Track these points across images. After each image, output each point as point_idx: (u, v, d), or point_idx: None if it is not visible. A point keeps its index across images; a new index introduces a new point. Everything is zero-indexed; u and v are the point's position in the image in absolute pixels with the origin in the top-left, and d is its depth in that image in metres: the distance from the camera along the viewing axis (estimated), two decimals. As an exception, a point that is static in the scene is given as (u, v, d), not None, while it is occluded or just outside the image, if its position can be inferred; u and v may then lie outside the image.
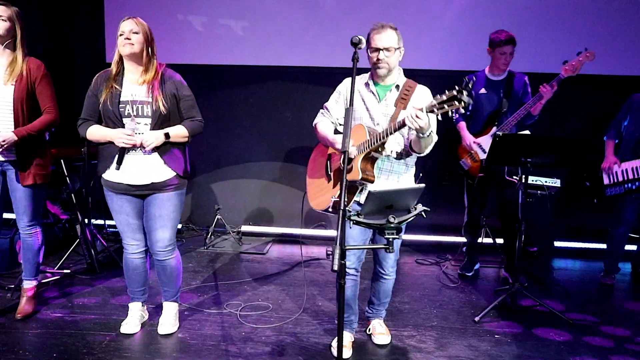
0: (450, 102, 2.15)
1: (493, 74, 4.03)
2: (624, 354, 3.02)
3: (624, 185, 4.04)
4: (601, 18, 4.91)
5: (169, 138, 2.88)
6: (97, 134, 2.89)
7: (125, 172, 2.87)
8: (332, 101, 2.90)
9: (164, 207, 2.97)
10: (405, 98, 2.66)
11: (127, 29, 2.80)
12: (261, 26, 5.18)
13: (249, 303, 3.62)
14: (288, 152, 5.48)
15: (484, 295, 3.90)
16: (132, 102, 2.84)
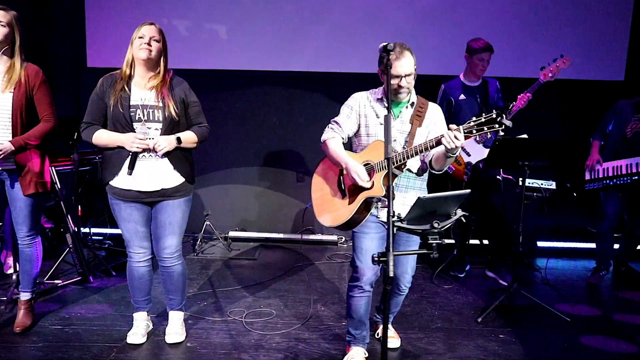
0: (489, 124, 2.19)
1: (469, 79, 4.16)
2: (623, 348, 3.16)
3: (602, 181, 4.23)
4: (575, 25, 5.12)
5: (181, 143, 2.84)
6: (105, 138, 2.80)
7: (136, 178, 2.80)
8: (343, 116, 2.79)
9: (173, 215, 2.92)
10: (420, 115, 2.67)
11: (148, 34, 2.77)
12: (246, 31, 5.16)
13: (251, 310, 3.59)
14: (274, 157, 5.46)
15: (479, 295, 3.99)
16: (142, 106, 2.78)
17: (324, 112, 5.31)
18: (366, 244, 2.69)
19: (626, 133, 4.22)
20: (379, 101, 2.74)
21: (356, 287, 2.76)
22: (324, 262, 4.78)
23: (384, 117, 2.04)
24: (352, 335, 2.88)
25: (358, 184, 2.58)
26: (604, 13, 5.13)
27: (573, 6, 5.12)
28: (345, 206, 2.69)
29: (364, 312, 2.81)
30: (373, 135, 2.72)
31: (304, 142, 5.39)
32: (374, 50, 5.27)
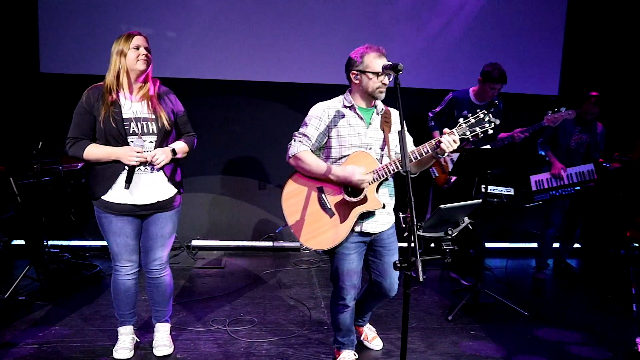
0: (480, 124, 2.35)
1: (478, 99, 4.33)
2: (562, 331, 3.52)
3: (549, 192, 4.63)
4: (511, 42, 5.53)
5: (176, 155, 2.85)
6: (99, 153, 2.75)
7: (132, 192, 2.78)
8: (311, 128, 2.70)
9: (166, 227, 2.93)
10: (388, 121, 2.71)
11: (142, 44, 2.75)
12: (209, 40, 5.15)
13: (233, 318, 3.63)
14: (236, 165, 5.48)
15: (444, 295, 4.24)
16: (135, 119, 2.76)
17: (286, 121, 5.42)
18: (348, 266, 2.70)
19: (570, 144, 4.65)
20: (349, 109, 2.70)
21: (341, 305, 2.83)
22: (291, 269, 4.87)
23: (397, 133, 2.14)
24: (340, 342, 2.99)
25: (347, 199, 2.57)
26: (538, 31, 5.58)
27: (509, 24, 5.51)
28: (338, 225, 2.61)
29: (350, 322, 2.92)
30: (346, 145, 2.66)
31: (265, 150, 5.45)
32: (337, 61, 5.45)
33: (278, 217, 5.57)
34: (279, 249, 5.41)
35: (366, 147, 2.68)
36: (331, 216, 2.64)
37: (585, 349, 3.34)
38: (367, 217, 2.66)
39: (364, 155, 2.63)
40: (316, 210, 2.66)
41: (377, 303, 3.08)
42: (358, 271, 2.75)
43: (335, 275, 2.76)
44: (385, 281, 2.81)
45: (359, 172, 2.55)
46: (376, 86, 2.61)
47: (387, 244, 2.77)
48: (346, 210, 2.61)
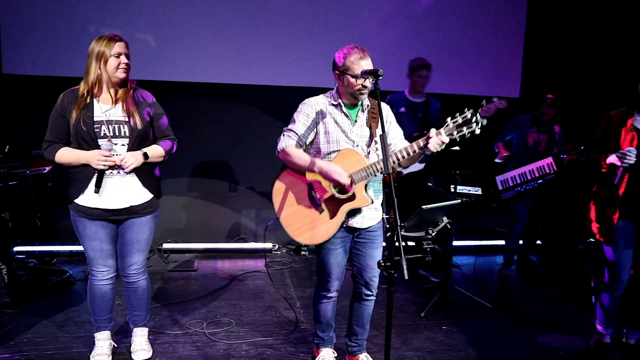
0: (468, 124, 2.41)
1: (413, 95, 4.55)
2: (529, 324, 3.69)
3: (514, 189, 4.83)
4: (474, 47, 5.75)
5: (148, 158, 2.82)
6: (69, 156, 2.72)
7: (103, 197, 2.75)
8: (299, 124, 2.74)
9: (141, 232, 2.90)
10: (375, 117, 2.76)
11: (123, 51, 2.72)
12: (177, 41, 5.12)
13: (209, 320, 3.64)
14: (206, 168, 5.47)
15: (415, 293, 4.35)
16: (107, 122, 2.74)
17: (256, 123, 5.47)
18: (334, 260, 2.78)
19: (528, 142, 4.88)
20: (335, 107, 2.74)
21: (324, 296, 2.90)
22: (264, 270, 4.89)
23: (379, 137, 2.20)
24: (320, 337, 3.04)
25: (336, 196, 2.64)
26: (499, 34, 5.79)
27: (470, 27, 5.69)
28: (328, 221, 2.67)
29: (331, 315, 2.98)
30: (334, 141, 2.70)
31: (236, 152, 5.46)
32: (307, 63, 5.52)
33: (249, 218, 5.60)
34: (252, 251, 5.43)
35: (353, 144, 2.72)
36: (321, 212, 2.69)
37: (551, 340, 3.51)
38: (354, 213, 2.72)
39: (352, 153, 2.67)
40: (306, 206, 2.72)
41: (361, 309, 2.98)
42: (343, 264, 2.83)
43: (321, 267, 2.84)
44: (366, 273, 2.86)
45: (339, 171, 2.60)
46: (356, 88, 2.64)
47: (372, 237, 2.83)
48: (335, 207, 2.67)
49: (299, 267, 5.01)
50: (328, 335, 3.05)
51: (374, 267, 2.85)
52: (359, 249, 2.85)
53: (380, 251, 2.90)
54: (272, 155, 5.58)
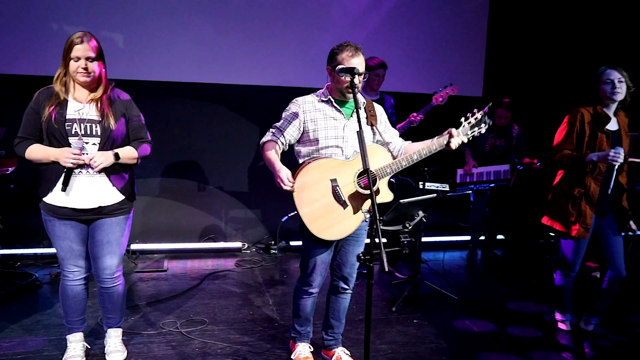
0: (478, 125, 2.60)
1: (367, 94, 4.64)
2: (495, 316, 3.84)
3: (469, 185, 5.02)
4: (437, 45, 5.90)
5: (119, 159, 2.78)
6: (38, 153, 2.68)
7: (71, 195, 2.71)
8: (285, 122, 2.78)
9: (112, 233, 2.86)
10: (374, 114, 2.85)
11: (82, 55, 2.65)
12: (146, 40, 5.07)
13: (183, 320, 3.62)
14: (175, 168, 5.42)
15: (385, 288, 4.45)
16: (79, 120, 2.70)
17: (224, 123, 5.46)
18: (322, 256, 2.83)
19: (484, 148, 5.07)
20: (325, 103, 2.79)
21: (306, 291, 2.95)
22: (235, 269, 4.89)
23: (356, 133, 2.26)
24: (297, 332, 3.09)
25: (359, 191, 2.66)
26: (462, 34, 5.97)
27: (433, 27, 5.85)
28: (351, 216, 2.70)
29: (310, 310, 3.03)
30: (323, 137, 2.75)
31: (204, 152, 5.44)
32: (275, 63, 5.55)
33: (218, 218, 5.58)
34: (221, 250, 5.42)
35: (344, 140, 2.76)
36: (345, 207, 2.69)
37: (517, 330, 3.66)
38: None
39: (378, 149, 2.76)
40: (330, 201, 2.68)
41: (338, 303, 3.05)
42: (327, 261, 2.88)
43: (305, 261, 2.88)
44: (345, 269, 2.94)
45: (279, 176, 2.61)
46: (345, 85, 2.68)
47: (357, 235, 2.88)
48: (359, 202, 2.70)
49: (269, 266, 5.04)
50: (305, 330, 3.10)
51: (354, 263, 2.94)
52: (343, 246, 2.91)
53: (362, 248, 2.95)
54: (240, 155, 5.65)
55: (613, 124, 3.18)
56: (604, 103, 3.16)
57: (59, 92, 2.69)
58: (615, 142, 3.14)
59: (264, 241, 5.61)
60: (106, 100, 2.77)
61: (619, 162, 3.01)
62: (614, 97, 3.09)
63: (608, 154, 3.01)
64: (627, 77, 3.10)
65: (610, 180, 3.12)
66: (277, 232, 5.43)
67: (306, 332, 3.10)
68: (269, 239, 5.60)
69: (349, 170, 2.69)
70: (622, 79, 3.08)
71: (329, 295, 3.07)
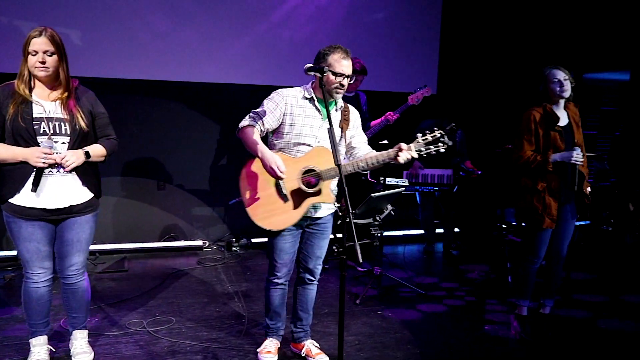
0: (435, 144, 2.62)
1: (346, 91, 4.69)
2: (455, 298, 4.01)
3: (414, 186, 5.23)
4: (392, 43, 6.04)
5: (90, 157, 2.76)
6: (4, 153, 2.60)
7: (41, 196, 2.66)
8: (266, 111, 2.80)
9: (82, 232, 2.83)
10: (347, 119, 2.93)
11: (40, 49, 2.59)
12: (101, 36, 4.95)
13: (149, 319, 3.60)
14: (134, 166, 5.33)
15: (347, 282, 4.53)
16: (47, 119, 2.65)
17: (184, 120, 5.43)
18: (282, 245, 2.91)
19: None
20: (307, 100, 2.84)
21: (274, 283, 3.02)
22: (197, 267, 4.88)
23: (327, 130, 2.31)
24: (267, 326, 3.14)
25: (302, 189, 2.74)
26: (416, 32, 6.12)
27: (389, 28, 5.98)
28: (291, 210, 2.78)
29: (279, 303, 3.09)
30: (298, 134, 2.81)
31: (164, 150, 5.38)
32: (233, 61, 5.55)
33: (179, 216, 5.53)
34: (183, 249, 5.38)
35: (317, 139, 2.83)
36: (285, 201, 2.79)
37: (475, 317, 3.83)
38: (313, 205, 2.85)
39: (325, 152, 2.76)
40: (272, 193, 2.79)
41: (305, 294, 3.13)
42: (292, 252, 2.95)
43: (270, 252, 2.96)
44: (311, 261, 3.03)
45: (279, 163, 2.66)
46: (334, 85, 2.77)
47: (322, 229, 2.97)
48: (300, 199, 2.78)
49: (232, 263, 5.04)
50: (275, 325, 3.14)
51: (320, 256, 3.03)
52: (308, 239, 2.99)
53: (327, 242, 3.05)
54: (201, 153, 5.62)
55: (564, 119, 3.38)
56: (554, 101, 3.35)
57: (22, 89, 2.62)
58: (568, 136, 3.33)
59: (226, 239, 5.60)
60: (73, 100, 2.72)
61: (579, 161, 3.22)
62: (563, 94, 3.30)
63: (571, 155, 3.21)
64: (569, 74, 3.32)
65: (575, 177, 3.32)
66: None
67: (276, 327, 3.15)
68: (230, 237, 5.59)
69: (295, 167, 2.78)
70: (567, 77, 3.30)
71: (296, 287, 3.15)
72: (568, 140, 3.29)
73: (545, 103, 3.36)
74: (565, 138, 3.31)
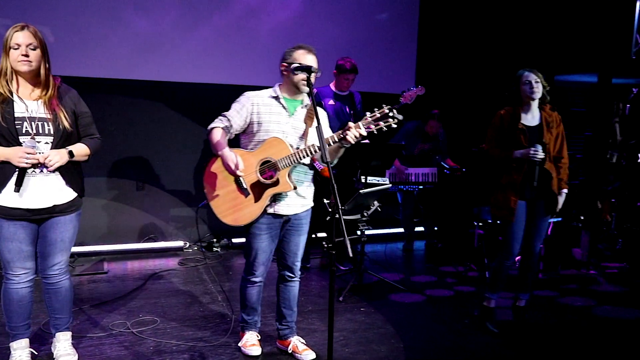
0: (385, 119, 2.65)
1: (339, 90, 4.76)
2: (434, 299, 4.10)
3: (398, 186, 5.34)
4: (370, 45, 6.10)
5: (73, 157, 2.74)
6: None
7: (24, 196, 2.62)
8: (233, 112, 2.90)
9: (65, 231, 2.81)
10: (312, 117, 2.95)
11: (23, 42, 2.56)
12: (79, 35, 4.89)
13: (133, 320, 3.57)
14: (112, 167, 5.27)
15: (328, 280, 4.56)
16: (29, 118, 2.62)
17: (162, 121, 5.40)
18: (259, 244, 2.97)
19: (414, 152, 5.37)
20: (273, 99, 2.93)
21: (251, 281, 3.08)
22: (179, 268, 4.85)
23: (315, 128, 2.36)
24: (245, 321, 3.19)
25: (261, 180, 2.82)
26: (394, 33, 6.22)
27: (367, 28, 6.06)
28: (253, 204, 2.87)
29: (256, 299, 3.15)
30: (265, 131, 2.88)
31: (142, 150, 5.33)
32: (215, 61, 5.53)
33: (159, 217, 5.50)
34: (163, 250, 5.34)
35: (284, 134, 2.90)
36: (246, 196, 2.88)
37: (453, 311, 3.92)
38: (279, 199, 2.92)
39: (278, 142, 2.85)
40: (233, 190, 2.89)
41: (287, 292, 3.17)
42: (269, 251, 3.01)
43: (247, 251, 3.02)
44: (289, 258, 3.09)
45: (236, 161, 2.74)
46: (299, 81, 2.85)
47: (297, 225, 3.03)
48: (260, 191, 2.86)
49: (213, 263, 5.04)
50: (253, 320, 3.20)
51: (297, 252, 3.10)
52: (284, 236, 3.05)
53: (304, 238, 3.11)
54: (180, 153, 5.59)
55: (535, 120, 3.50)
56: (525, 102, 3.48)
57: (3, 87, 2.59)
58: (533, 136, 3.45)
59: (206, 239, 5.58)
60: (55, 99, 2.70)
61: (537, 158, 3.34)
62: (532, 96, 3.43)
63: (529, 151, 3.34)
64: (541, 78, 3.45)
65: (535, 174, 3.43)
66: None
67: (253, 321, 3.20)
68: (210, 237, 5.58)
69: (253, 160, 2.85)
70: (538, 80, 3.43)
71: (278, 286, 3.20)
72: (533, 140, 3.41)
73: (515, 104, 3.48)
74: (530, 137, 3.42)
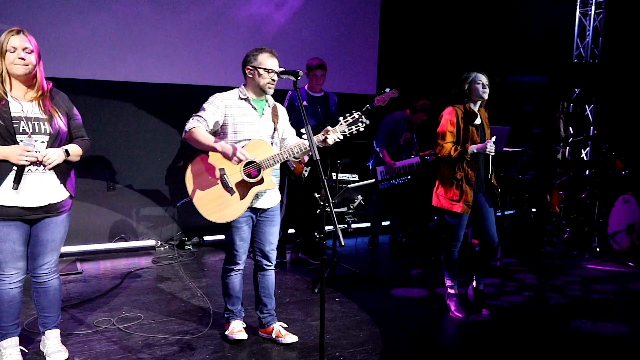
0: (355, 124, 2.93)
1: (312, 91, 4.93)
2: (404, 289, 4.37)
3: (390, 181, 5.57)
4: (332, 44, 6.32)
5: (69, 156, 2.83)
6: None
7: (21, 194, 2.69)
8: (209, 113, 3.02)
9: (57, 232, 2.89)
10: (277, 114, 3.22)
11: (19, 45, 2.65)
12: (45, 35, 4.84)
13: (117, 316, 3.65)
14: (82, 167, 5.21)
15: (304, 273, 4.78)
16: (26, 118, 2.70)
17: (133, 120, 5.44)
18: (241, 235, 3.19)
19: (399, 141, 5.61)
20: (243, 100, 3.11)
21: (235, 270, 3.28)
22: (153, 266, 4.92)
23: (305, 129, 2.54)
24: (230, 311, 3.36)
25: (246, 180, 3.00)
26: (355, 34, 6.42)
27: (329, 28, 6.24)
28: (238, 201, 3.05)
29: (239, 288, 3.34)
30: (241, 131, 3.07)
31: (113, 150, 5.34)
32: (184, 62, 5.60)
33: (129, 217, 5.52)
34: (135, 249, 5.38)
35: (258, 134, 3.10)
36: (232, 194, 3.04)
37: (421, 299, 4.19)
38: (258, 195, 3.13)
39: (261, 143, 3.07)
40: (218, 188, 3.04)
41: (265, 280, 3.37)
42: (247, 240, 3.24)
43: (230, 243, 3.22)
44: (265, 247, 3.30)
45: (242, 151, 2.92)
46: (266, 82, 3.07)
47: (271, 216, 3.27)
48: (245, 189, 3.05)
49: (187, 261, 5.13)
50: (237, 309, 3.38)
51: (272, 241, 3.32)
52: (260, 227, 3.27)
53: (277, 228, 3.34)
54: (150, 152, 5.63)
55: (478, 119, 3.80)
56: (473, 100, 3.77)
57: None
58: (481, 134, 3.77)
59: (177, 238, 5.65)
60: (49, 100, 2.79)
61: (493, 152, 3.65)
62: (484, 96, 3.73)
63: (486, 146, 3.63)
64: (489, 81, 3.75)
65: (489, 166, 3.74)
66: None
67: (238, 310, 3.39)
68: (182, 236, 5.65)
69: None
70: (487, 83, 3.72)
71: (255, 275, 3.40)
72: (482, 137, 3.76)
73: (462, 103, 3.76)
74: (480, 134, 3.74)
